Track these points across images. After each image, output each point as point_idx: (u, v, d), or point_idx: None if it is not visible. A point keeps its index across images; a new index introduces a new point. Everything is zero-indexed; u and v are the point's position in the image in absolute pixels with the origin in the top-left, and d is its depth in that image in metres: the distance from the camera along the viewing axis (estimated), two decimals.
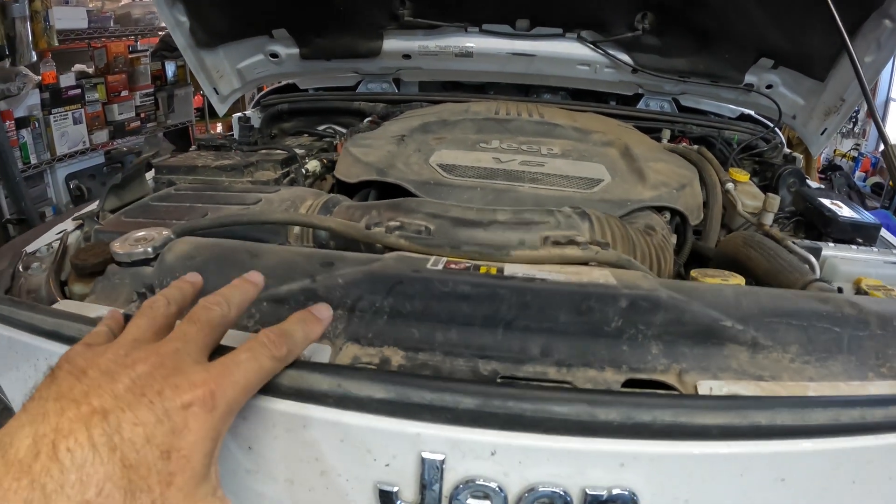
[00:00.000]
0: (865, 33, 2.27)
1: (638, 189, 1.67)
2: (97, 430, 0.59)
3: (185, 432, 0.64)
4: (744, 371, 1.05)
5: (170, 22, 2.59)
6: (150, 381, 0.65)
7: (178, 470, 0.62)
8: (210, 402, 0.66)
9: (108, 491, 0.58)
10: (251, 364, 0.72)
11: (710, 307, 1.07)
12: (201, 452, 0.65)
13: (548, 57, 2.78)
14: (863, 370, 1.10)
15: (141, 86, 6.25)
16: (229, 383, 0.69)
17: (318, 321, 0.83)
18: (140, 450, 0.60)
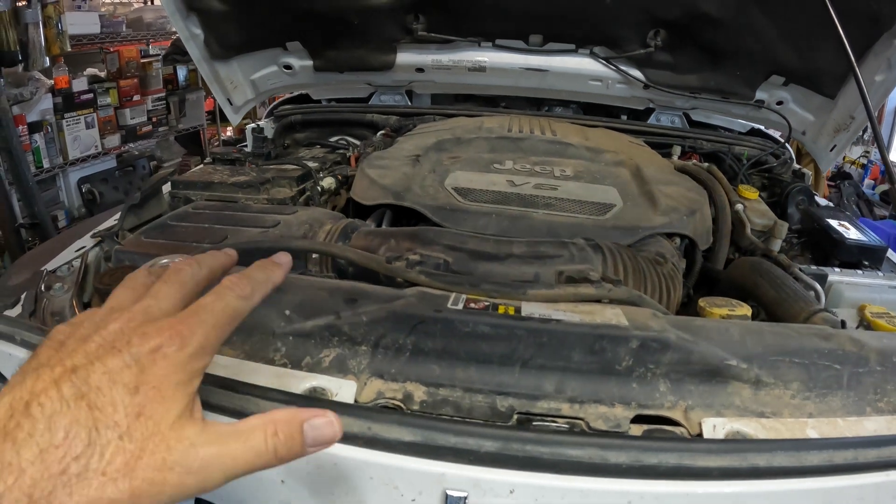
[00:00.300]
0: (876, 53, 2.28)
1: (649, 215, 1.70)
2: (66, 384, 0.61)
3: (154, 368, 0.65)
4: (746, 408, 1.09)
5: (184, 34, 2.62)
6: (120, 335, 0.66)
7: (147, 401, 0.63)
8: (178, 340, 0.67)
9: (75, 432, 0.59)
10: (217, 304, 0.73)
11: (716, 347, 1.11)
12: (173, 382, 0.65)
13: (560, 72, 2.81)
14: (861, 405, 1.14)
15: (153, 90, 6.27)
16: (197, 322, 0.70)
17: (277, 266, 0.84)
18: (107, 392, 0.62)
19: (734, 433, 1.01)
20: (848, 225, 2.09)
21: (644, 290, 1.43)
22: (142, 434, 0.62)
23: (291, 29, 2.80)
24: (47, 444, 0.58)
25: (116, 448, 0.60)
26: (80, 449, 0.59)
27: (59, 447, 0.58)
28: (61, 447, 0.58)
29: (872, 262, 1.94)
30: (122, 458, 0.60)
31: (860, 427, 1.08)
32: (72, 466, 0.58)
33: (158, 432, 0.63)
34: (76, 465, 0.59)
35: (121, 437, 0.61)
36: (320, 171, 2.33)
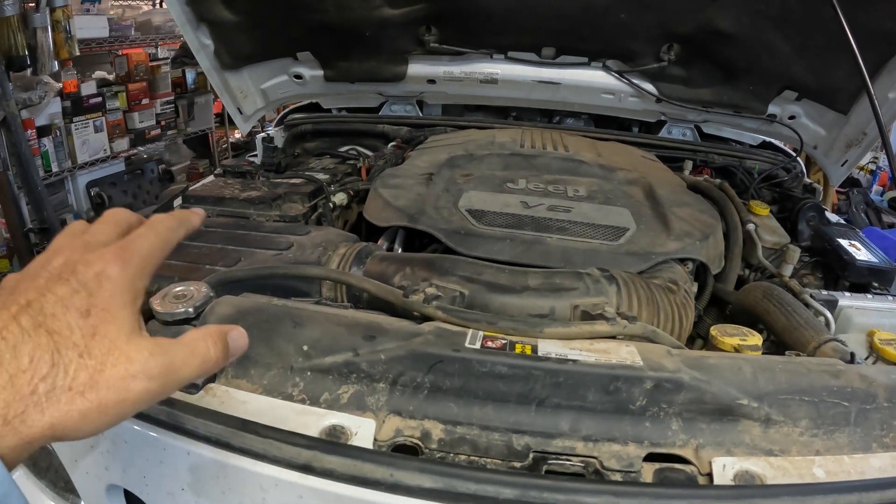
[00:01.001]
0: (890, 70, 2.28)
1: (662, 240, 1.70)
2: (24, 317, 0.64)
3: (100, 291, 0.69)
4: (756, 446, 1.10)
5: (194, 45, 2.62)
6: (66, 266, 0.70)
7: (100, 321, 0.67)
8: (119, 262, 0.71)
9: (38, 355, 0.63)
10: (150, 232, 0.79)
11: (729, 386, 1.12)
12: (120, 302, 0.70)
13: (573, 85, 2.81)
14: (867, 441, 1.14)
15: (161, 93, 6.28)
16: (134, 247, 0.75)
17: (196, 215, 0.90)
18: (61, 317, 0.65)
19: (743, 472, 1.03)
20: (858, 245, 2.08)
21: (657, 320, 1.44)
22: (100, 351, 0.66)
23: (302, 39, 2.80)
24: (15, 369, 0.62)
25: (78, 365, 0.65)
26: (46, 370, 0.63)
27: (26, 371, 0.62)
28: (28, 371, 0.62)
29: (882, 283, 1.93)
30: (85, 374, 0.65)
31: (866, 464, 1.09)
32: (40, 387, 0.62)
33: (116, 347, 0.67)
34: (43, 384, 0.63)
35: (81, 355, 0.65)
36: (332, 185, 2.33)
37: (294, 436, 0.97)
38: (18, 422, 0.61)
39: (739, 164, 2.77)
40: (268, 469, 0.95)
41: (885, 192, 8.90)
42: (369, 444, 1.04)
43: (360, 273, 1.56)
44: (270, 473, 0.95)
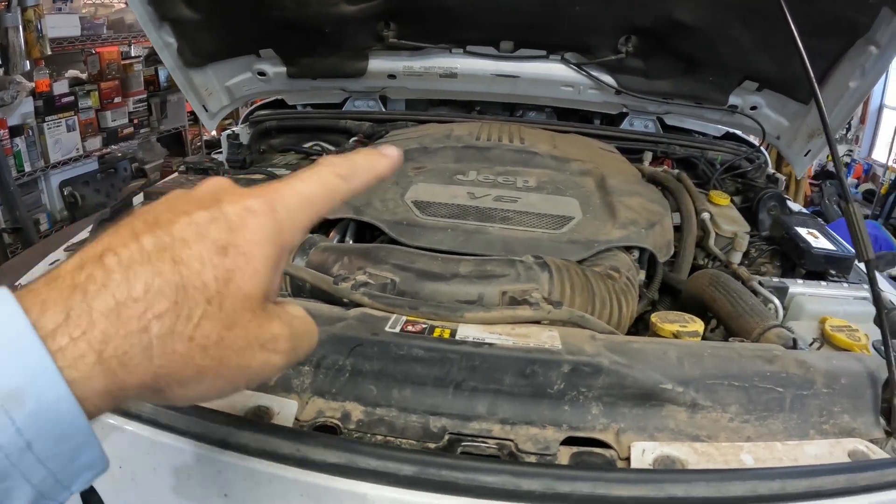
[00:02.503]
0: (851, 59, 2.29)
1: (607, 228, 1.70)
2: (148, 236, 0.54)
3: (243, 229, 0.57)
4: (681, 431, 1.10)
5: (158, 44, 2.62)
6: (209, 195, 0.59)
7: (237, 267, 0.55)
8: (269, 204, 0.60)
9: (158, 286, 0.52)
10: (312, 177, 0.65)
11: (652, 370, 1.12)
12: (262, 254, 0.57)
13: (531, 78, 2.81)
14: (804, 428, 1.14)
15: (134, 92, 6.28)
16: (289, 191, 0.62)
17: (383, 156, 0.73)
18: (193, 245, 0.54)
19: (663, 457, 1.02)
20: (817, 233, 2.08)
21: (593, 307, 1.44)
22: (232, 302, 0.55)
23: (264, 37, 2.80)
24: (124, 296, 0.51)
25: (205, 313, 0.54)
26: (165, 306, 0.52)
27: (139, 301, 0.51)
28: (141, 301, 0.51)
29: (840, 271, 1.93)
30: (211, 326, 0.54)
31: (800, 451, 1.09)
32: (153, 325, 0.52)
33: (248, 305, 0.56)
34: (158, 324, 0.52)
35: (209, 301, 0.54)
36: None
37: (215, 414, 1.00)
38: (117, 363, 0.51)
39: (701, 155, 2.77)
40: (189, 445, 0.99)
41: (860, 184, 8.97)
42: (289, 424, 1.07)
43: (303, 263, 1.58)
44: (192, 449, 0.98)
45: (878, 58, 2.19)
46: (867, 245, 1.40)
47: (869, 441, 1.15)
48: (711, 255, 2.06)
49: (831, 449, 1.10)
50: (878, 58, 2.19)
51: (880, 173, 8.85)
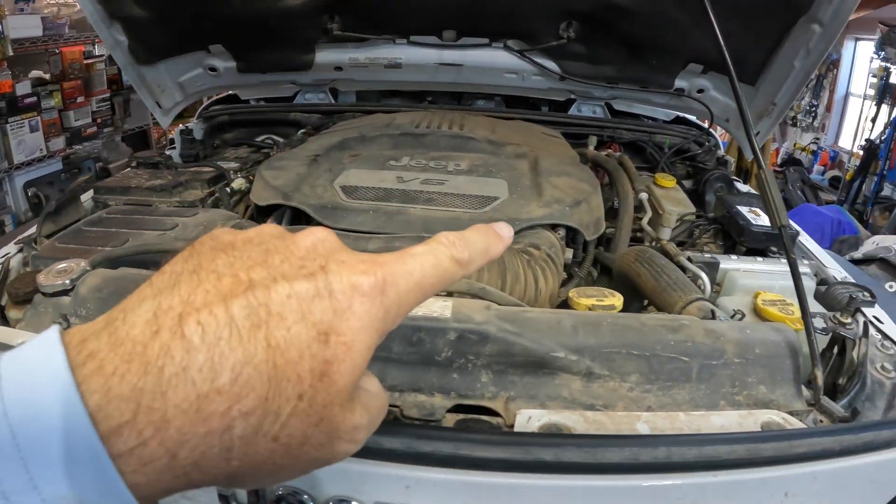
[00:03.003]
0: (794, 38, 2.30)
1: (531, 207, 1.72)
2: (239, 301, 0.46)
3: (349, 314, 0.49)
4: (575, 400, 1.10)
5: (109, 42, 2.62)
6: (313, 253, 0.52)
7: (336, 358, 0.48)
8: (380, 285, 0.52)
9: (247, 377, 0.44)
10: (428, 258, 0.57)
11: (542, 339, 1.12)
12: (364, 344, 0.50)
13: (475, 66, 2.83)
14: (714, 399, 1.14)
15: (97, 91, 6.28)
16: (402, 272, 0.54)
17: (499, 238, 0.66)
18: (291, 327, 0.47)
19: (550, 425, 1.02)
20: (759, 212, 2.11)
21: (504, 282, 1.45)
22: (322, 401, 0.48)
23: (213, 32, 2.80)
24: (208, 387, 0.44)
25: (294, 410, 0.47)
26: (253, 404, 0.45)
27: (224, 395, 0.44)
28: (226, 395, 0.44)
29: (781, 248, 1.95)
30: (298, 423, 0.48)
31: (705, 421, 1.07)
32: (237, 424, 0.45)
33: (339, 403, 0.50)
34: (243, 424, 0.45)
35: (300, 397, 0.47)
36: (239, 172, 2.36)
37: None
38: (191, 465, 0.45)
39: (649, 139, 2.81)
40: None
41: (827, 171, 9.08)
42: None
43: None
44: None
45: (821, 36, 2.20)
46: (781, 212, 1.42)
47: (788, 413, 1.14)
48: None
49: (741, 420, 1.09)
50: (821, 36, 2.20)
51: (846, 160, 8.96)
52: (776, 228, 1.39)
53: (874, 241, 5.06)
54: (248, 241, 0.53)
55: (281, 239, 0.53)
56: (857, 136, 9.12)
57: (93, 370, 0.43)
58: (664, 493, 0.95)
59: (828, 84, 9.98)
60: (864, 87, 9.14)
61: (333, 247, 0.54)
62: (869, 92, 8.74)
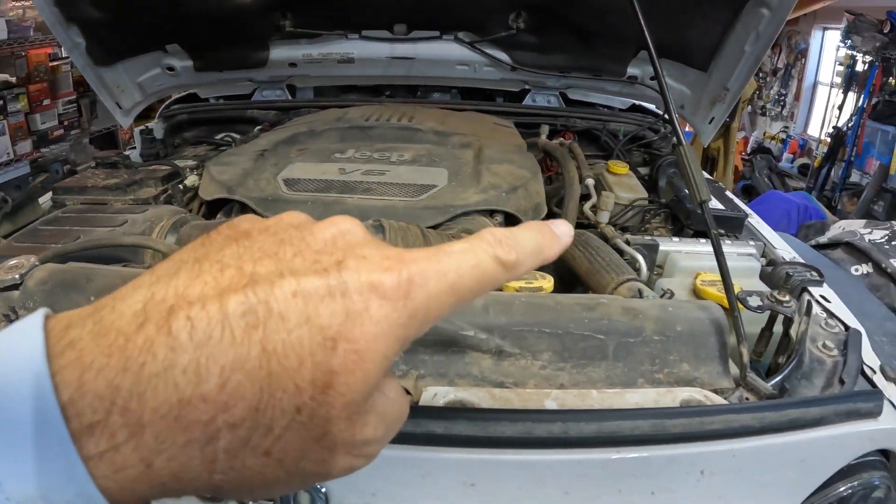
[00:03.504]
0: (744, 23, 2.32)
1: (467, 193, 1.75)
2: (237, 297, 0.40)
3: (364, 318, 0.42)
4: (484, 378, 1.11)
5: (67, 44, 2.63)
6: (331, 246, 0.45)
7: (344, 368, 0.41)
8: (405, 286, 0.44)
9: (237, 383, 0.39)
10: (467, 257, 0.47)
11: (452, 317, 1.14)
12: (379, 353, 0.42)
13: (427, 59, 2.86)
14: (632, 377, 1.14)
15: (63, 93, 6.25)
16: (434, 272, 0.45)
17: (555, 237, 0.55)
18: (293, 330, 0.40)
19: (456, 402, 1.03)
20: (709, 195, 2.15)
21: None
22: (325, 414, 0.41)
23: (169, 32, 2.82)
24: (190, 392, 0.38)
25: (291, 424, 0.41)
26: (241, 415, 0.39)
27: (209, 402, 0.38)
28: (211, 402, 0.39)
29: (730, 230, 1.98)
30: (295, 438, 0.41)
31: (619, 399, 1.07)
32: (222, 436, 0.39)
33: (347, 417, 0.42)
34: (229, 435, 0.40)
35: (298, 410, 0.40)
36: (195, 170, 2.38)
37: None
38: (168, 475, 0.39)
39: (603, 127, 2.84)
40: None
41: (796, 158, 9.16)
42: None
43: (174, 240, 1.66)
44: None
45: (770, 20, 2.23)
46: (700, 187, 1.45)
47: (713, 391, 1.14)
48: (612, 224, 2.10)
49: (659, 397, 1.08)
50: (770, 20, 2.23)
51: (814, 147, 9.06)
52: (697, 205, 1.42)
53: (840, 226, 5.10)
54: (265, 230, 0.46)
55: (299, 229, 0.46)
56: (824, 123, 9.22)
57: (70, 360, 0.38)
58: (563, 469, 0.96)
59: (796, 73, 10.09)
60: (832, 75, 9.24)
61: (357, 240, 0.46)
62: (836, 80, 8.82)
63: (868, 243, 4.47)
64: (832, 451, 1.09)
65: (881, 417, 1.10)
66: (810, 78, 9.89)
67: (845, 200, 7.82)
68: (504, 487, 0.96)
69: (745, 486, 1.06)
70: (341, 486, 0.94)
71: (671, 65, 2.73)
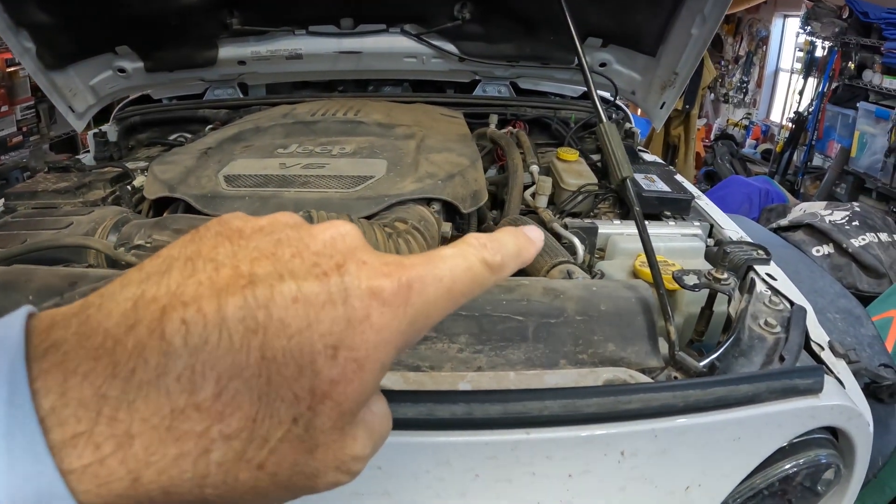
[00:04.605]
0: (690, 7, 2.36)
1: (403, 183, 1.77)
2: (235, 299, 0.38)
3: (365, 326, 0.41)
4: (400, 362, 1.10)
5: (17, 50, 2.61)
6: (331, 249, 0.43)
7: (343, 378, 0.40)
8: (405, 293, 0.44)
9: (234, 392, 0.37)
10: (458, 261, 0.48)
11: None
12: (378, 361, 0.42)
13: (374, 52, 2.87)
14: (553, 358, 1.13)
15: (21, 99, 6.18)
16: (432, 277, 0.46)
17: (530, 241, 0.56)
18: (294, 336, 0.39)
19: None
20: (654, 178, 2.17)
21: None
22: (321, 425, 0.41)
23: (117, 33, 2.81)
24: (184, 401, 0.36)
25: (286, 435, 0.40)
26: (238, 426, 0.38)
27: (203, 412, 0.37)
28: (206, 413, 0.37)
29: (676, 212, 2.02)
30: (289, 450, 0.40)
31: (538, 381, 1.06)
32: (216, 448, 0.38)
33: (340, 428, 0.42)
34: (224, 448, 0.38)
35: (295, 421, 0.39)
36: (144, 171, 2.39)
37: None
38: (157, 490, 0.37)
39: (554, 115, 2.86)
40: None
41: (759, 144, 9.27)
42: None
43: (116, 238, 1.66)
44: None
45: (715, 2, 2.26)
46: (622, 164, 1.47)
47: (640, 370, 1.14)
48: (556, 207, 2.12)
49: (580, 378, 1.07)
50: (715, 2, 2.26)
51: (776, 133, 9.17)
52: (619, 181, 1.44)
53: (801, 209, 5.18)
54: (259, 230, 0.44)
55: (296, 229, 0.45)
56: (786, 109, 9.35)
57: (53, 364, 0.36)
58: (469, 451, 0.95)
59: (758, 60, 10.20)
60: (792, 61, 9.35)
61: (356, 244, 0.45)
62: (797, 66, 8.91)
63: (829, 224, 4.54)
64: (768, 429, 1.07)
65: (823, 394, 1.09)
66: (772, 65, 10.01)
67: (808, 184, 7.91)
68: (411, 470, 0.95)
69: (673, 467, 1.04)
70: None
71: (620, 51, 2.77)
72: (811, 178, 7.95)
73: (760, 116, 10.00)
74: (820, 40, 8.01)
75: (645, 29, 2.56)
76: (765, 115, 10.06)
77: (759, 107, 10.10)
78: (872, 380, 1.54)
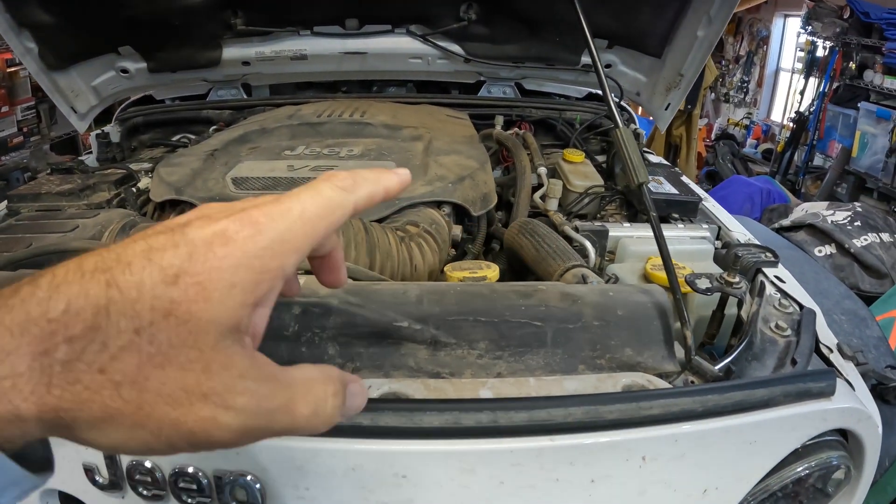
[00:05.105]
0: (696, 8, 2.34)
1: (413, 186, 1.75)
2: (92, 258, 0.46)
3: (208, 256, 0.46)
4: (420, 369, 1.11)
5: (19, 50, 2.60)
6: (182, 219, 0.50)
7: (186, 298, 0.45)
8: (251, 226, 0.49)
9: (79, 308, 0.43)
10: (306, 192, 0.54)
11: (385, 309, 1.14)
12: (227, 282, 0.46)
13: (379, 53, 2.85)
14: (572, 363, 1.13)
15: (21, 99, 6.16)
16: (279, 210, 0.51)
17: (390, 172, 0.62)
18: (137, 271, 0.45)
19: (390, 393, 1.04)
20: (662, 180, 2.16)
21: (372, 259, 1.49)
22: (168, 340, 0.44)
23: (120, 34, 2.79)
24: (38, 313, 0.43)
25: (129, 343, 0.44)
26: (79, 329, 0.44)
27: (53, 322, 0.43)
28: (55, 322, 0.43)
29: (684, 214, 2.00)
30: (134, 360, 0.44)
31: (558, 387, 1.07)
32: (60, 349, 0.43)
33: (196, 346, 0.45)
34: (66, 348, 0.43)
35: (137, 332, 0.44)
36: (149, 173, 2.37)
37: None
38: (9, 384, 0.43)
39: (559, 117, 2.85)
40: None
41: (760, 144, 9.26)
42: None
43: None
44: None
45: (721, 4, 2.24)
46: (638, 169, 1.46)
47: (657, 375, 1.14)
48: (563, 209, 2.11)
49: (599, 383, 1.08)
50: (721, 4, 2.24)
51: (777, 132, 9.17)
52: (635, 186, 1.43)
53: (803, 209, 5.17)
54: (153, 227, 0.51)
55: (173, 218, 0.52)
56: (787, 109, 9.33)
57: None
58: (494, 458, 0.95)
59: (758, 60, 10.19)
60: (793, 61, 9.32)
61: (213, 211, 0.51)
62: (797, 66, 8.89)
63: (831, 224, 4.53)
64: (783, 432, 1.08)
65: (835, 397, 1.10)
66: (772, 64, 10.00)
67: (809, 184, 7.91)
68: (436, 478, 0.95)
69: (691, 471, 1.05)
70: (275, 479, 0.95)
71: (625, 52, 2.75)
72: (812, 178, 7.95)
73: (761, 116, 9.99)
74: (821, 40, 8.00)
75: (650, 30, 2.55)
76: (765, 114, 10.06)
77: (759, 106, 10.09)
78: (879, 381, 1.55)
